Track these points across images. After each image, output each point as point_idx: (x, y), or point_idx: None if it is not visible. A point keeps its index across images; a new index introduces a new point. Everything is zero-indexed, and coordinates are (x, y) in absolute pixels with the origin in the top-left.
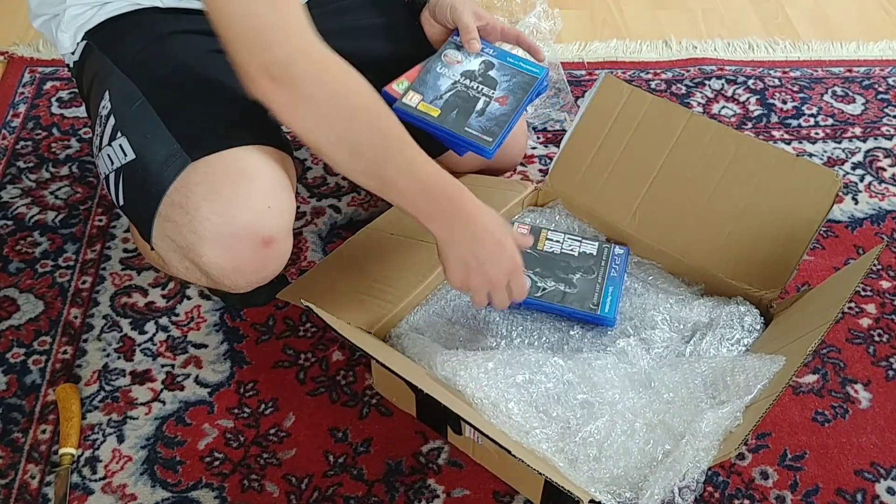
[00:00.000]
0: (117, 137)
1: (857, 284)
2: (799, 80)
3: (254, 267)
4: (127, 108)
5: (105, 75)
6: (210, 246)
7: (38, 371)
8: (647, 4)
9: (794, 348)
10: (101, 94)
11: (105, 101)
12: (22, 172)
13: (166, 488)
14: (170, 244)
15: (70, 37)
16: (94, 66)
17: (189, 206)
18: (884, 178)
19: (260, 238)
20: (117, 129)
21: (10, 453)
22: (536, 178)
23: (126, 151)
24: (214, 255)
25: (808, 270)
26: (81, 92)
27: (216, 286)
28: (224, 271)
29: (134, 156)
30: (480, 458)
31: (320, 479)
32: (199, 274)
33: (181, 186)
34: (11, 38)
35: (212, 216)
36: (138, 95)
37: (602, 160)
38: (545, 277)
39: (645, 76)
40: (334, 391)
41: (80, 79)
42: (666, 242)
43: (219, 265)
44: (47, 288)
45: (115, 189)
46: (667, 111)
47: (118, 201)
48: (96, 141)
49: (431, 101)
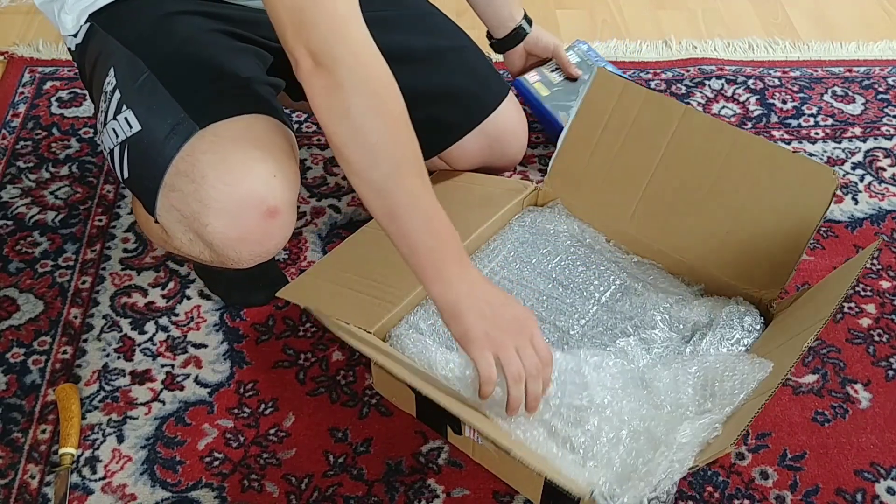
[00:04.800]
0: (122, 111)
1: (854, 281)
2: (799, 80)
3: (257, 237)
4: (132, 82)
5: (109, 53)
6: (215, 214)
7: (38, 371)
8: (647, 4)
9: (791, 346)
10: (105, 71)
11: (110, 77)
12: (22, 172)
13: (166, 488)
14: (174, 215)
15: (73, 19)
16: (98, 47)
17: (195, 175)
18: (884, 177)
19: (265, 207)
20: (122, 102)
21: (9, 453)
22: (536, 178)
23: (132, 123)
24: (219, 224)
25: (808, 270)
26: (83, 73)
27: (218, 259)
28: (228, 241)
29: (140, 127)
30: (480, 458)
31: (320, 479)
32: (203, 246)
33: (187, 155)
34: (11, 38)
35: (218, 184)
36: (144, 69)
37: (599, 158)
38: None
39: (645, 76)
40: (334, 391)
41: (83, 60)
42: (665, 242)
43: (223, 234)
44: (47, 288)
45: (120, 162)
46: (661, 105)
47: (122, 174)
48: (101, 117)
49: (545, 85)
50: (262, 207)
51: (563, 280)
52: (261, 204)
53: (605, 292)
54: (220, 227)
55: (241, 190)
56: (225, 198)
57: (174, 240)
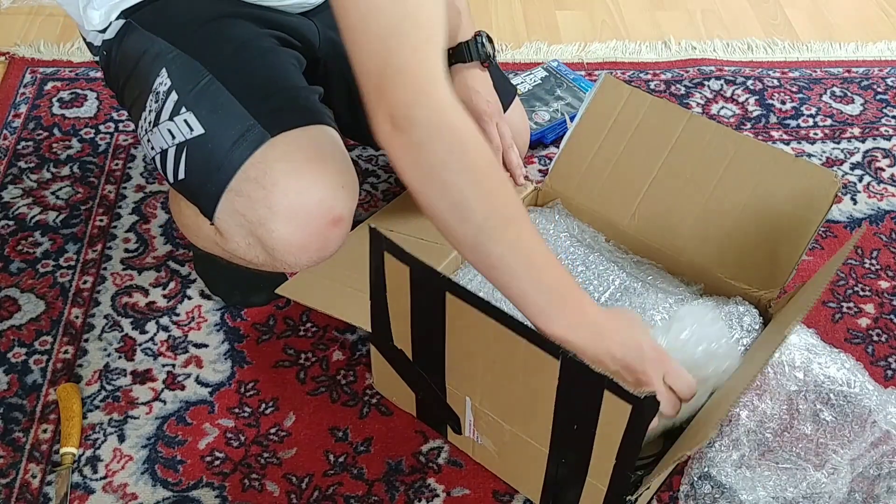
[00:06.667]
0: (181, 112)
1: (837, 270)
2: (798, 81)
3: (318, 245)
4: (192, 85)
5: (158, 53)
6: (283, 222)
7: (40, 371)
8: (647, 5)
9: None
10: (155, 72)
11: (162, 79)
12: (23, 173)
13: (167, 487)
14: (237, 219)
15: (102, 14)
16: (139, 45)
17: (266, 182)
18: (882, 178)
19: (331, 216)
20: (181, 104)
21: (11, 453)
22: (536, 178)
23: (192, 126)
24: (286, 230)
25: (808, 270)
26: (114, 71)
27: (271, 264)
28: (290, 248)
29: (203, 130)
30: (480, 457)
31: (321, 479)
32: (260, 251)
33: (258, 162)
34: (13, 39)
35: (290, 193)
36: (204, 73)
37: (602, 160)
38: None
39: (644, 77)
40: (335, 391)
41: (115, 58)
42: (665, 242)
43: (287, 241)
44: (48, 288)
45: (175, 164)
46: (666, 112)
47: (177, 176)
48: (149, 117)
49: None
50: (329, 216)
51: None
52: (328, 213)
53: (605, 292)
54: (285, 234)
55: (311, 199)
56: (295, 206)
57: (230, 242)
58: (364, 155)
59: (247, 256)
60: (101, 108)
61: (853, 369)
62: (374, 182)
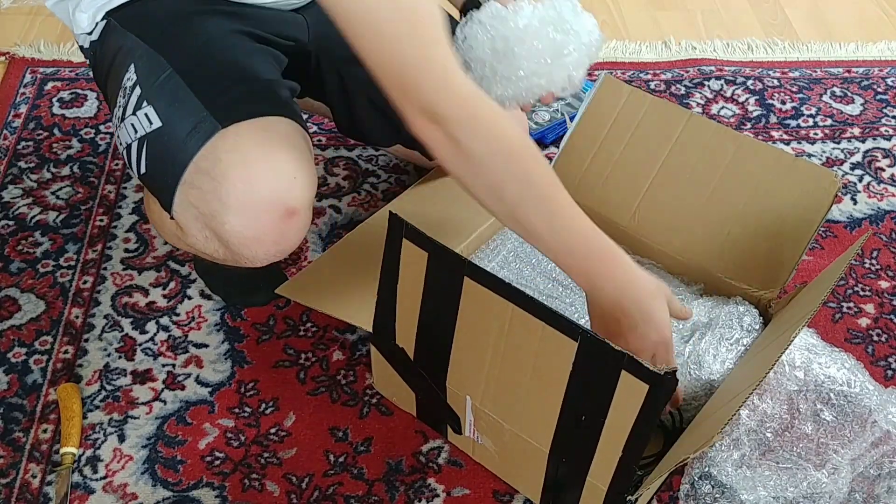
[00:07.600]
0: (143, 107)
1: (842, 273)
2: (798, 81)
3: (274, 238)
4: (154, 79)
5: (129, 50)
6: (234, 214)
7: (40, 370)
8: (647, 5)
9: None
10: (125, 68)
11: (130, 74)
12: (23, 173)
13: (167, 487)
14: (192, 212)
15: (89, 17)
16: (116, 43)
17: (216, 173)
18: (882, 178)
19: (284, 208)
20: (143, 98)
21: (11, 453)
22: None
23: (152, 120)
24: (238, 223)
25: (808, 270)
26: (98, 70)
27: (232, 258)
28: (245, 240)
29: (160, 123)
30: (480, 457)
31: (321, 479)
32: (218, 244)
33: (209, 153)
34: (13, 39)
35: (239, 184)
36: (166, 67)
37: (602, 160)
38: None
39: (644, 77)
40: (335, 391)
41: (98, 57)
42: (665, 242)
43: (241, 234)
44: (48, 288)
45: (137, 158)
46: (666, 111)
47: (139, 170)
48: (118, 112)
49: None
50: (282, 208)
51: (563, 279)
52: (280, 205)
53: None
54: (238, 226)
55: (261, 190)
56: (245, 197)
57: (189, 237)
58: (364, 155)
59: (206, 250)
60: (101, 108)
61: (853, 369)
62: (374, 182)
